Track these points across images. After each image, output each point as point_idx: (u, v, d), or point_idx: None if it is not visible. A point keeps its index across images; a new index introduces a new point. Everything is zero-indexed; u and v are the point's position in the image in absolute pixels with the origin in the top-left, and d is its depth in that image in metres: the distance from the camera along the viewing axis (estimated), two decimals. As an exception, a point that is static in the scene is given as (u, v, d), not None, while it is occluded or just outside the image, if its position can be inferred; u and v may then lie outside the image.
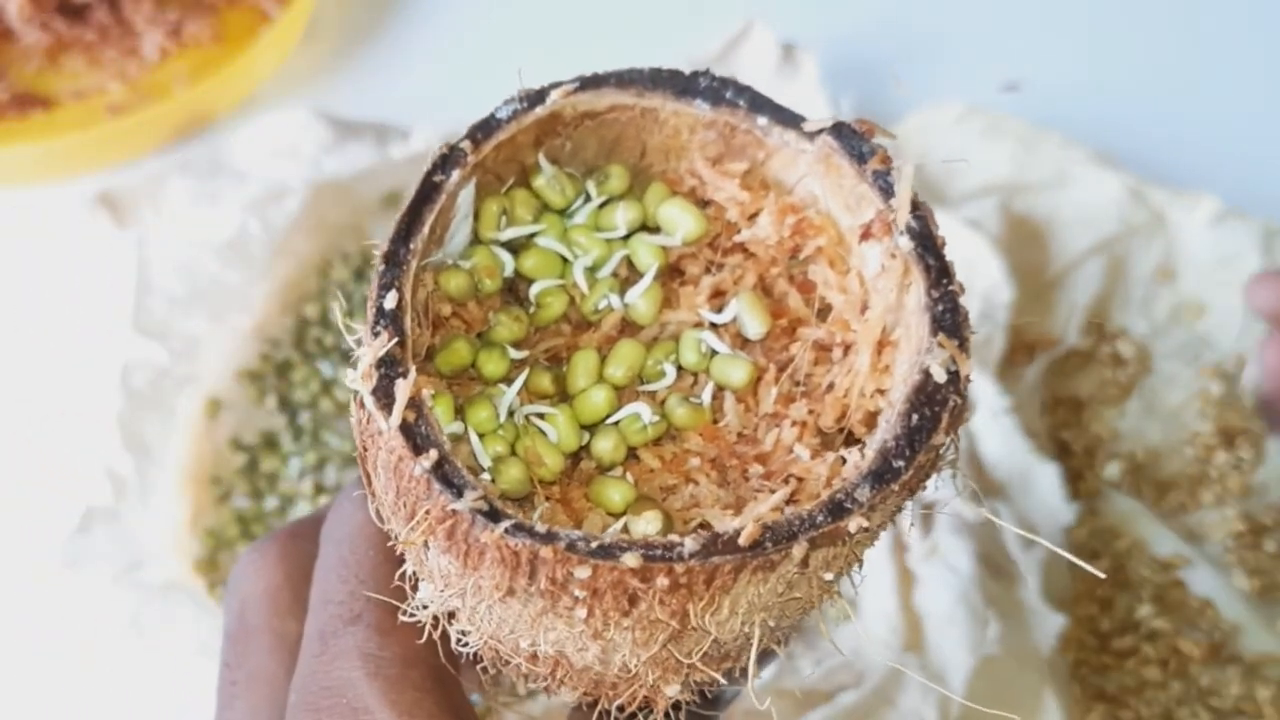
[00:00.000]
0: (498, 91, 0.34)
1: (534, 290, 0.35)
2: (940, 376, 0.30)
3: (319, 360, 0.74)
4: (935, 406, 0.30)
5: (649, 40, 0.88)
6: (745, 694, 0.59)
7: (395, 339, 0.31)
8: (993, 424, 0.68)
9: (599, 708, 0.34)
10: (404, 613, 0.34)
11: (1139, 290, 0.76)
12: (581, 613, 0.29)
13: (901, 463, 0.30)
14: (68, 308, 0.76)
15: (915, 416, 0.30)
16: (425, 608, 0.33)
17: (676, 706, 0.34)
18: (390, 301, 0.31)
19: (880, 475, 0.30)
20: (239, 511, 0.70)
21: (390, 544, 0.32)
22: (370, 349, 0.31)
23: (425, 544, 0.31)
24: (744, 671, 0.32)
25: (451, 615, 0.33)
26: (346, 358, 0.73)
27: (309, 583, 0.38)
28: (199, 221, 0.77)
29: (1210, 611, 0.66)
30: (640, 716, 0.34)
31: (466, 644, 0.33)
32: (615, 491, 0.32)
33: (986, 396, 0.68)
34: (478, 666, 0.35)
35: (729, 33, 0.83)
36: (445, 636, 0.34)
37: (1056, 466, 0.67)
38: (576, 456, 0.34)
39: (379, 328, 0.31)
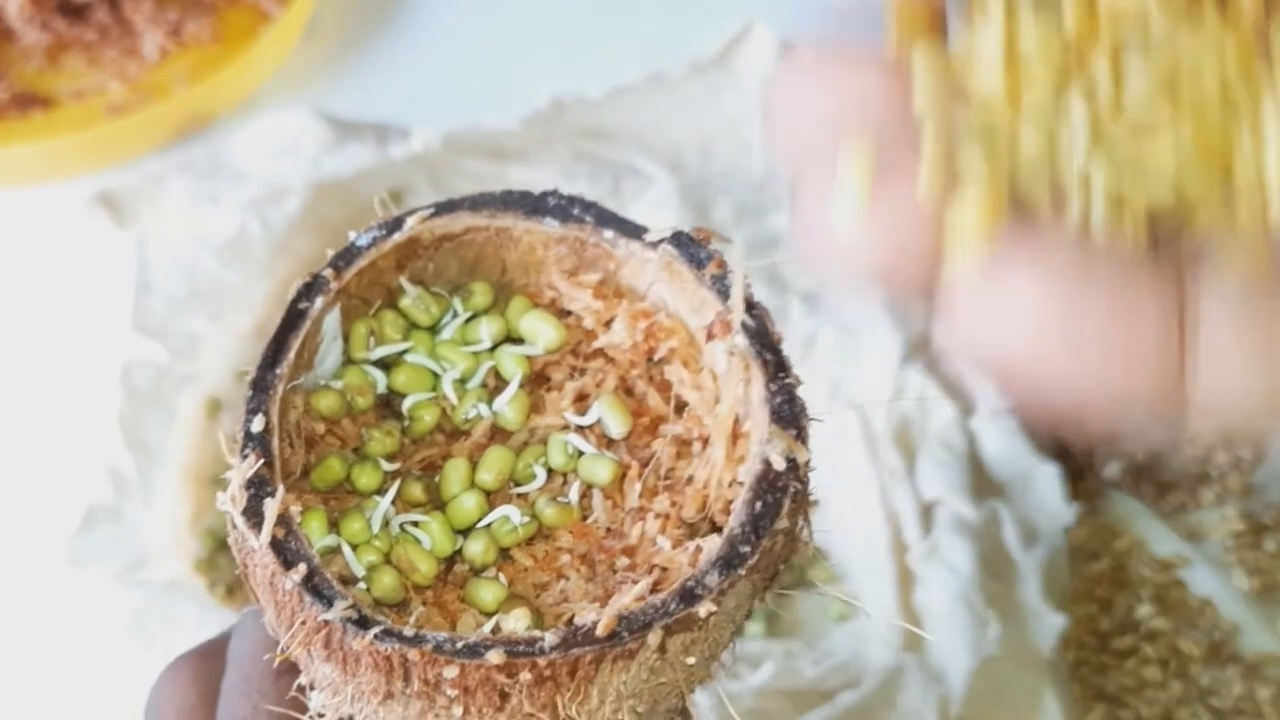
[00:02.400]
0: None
1: (406, 404, 0.37)
2: (780, 465, 0.32)
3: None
4: (777, 493, 0.32)
5: (649, 41, 0.88)
6: (743, 694, 0.59)
7: (262, 460, 0.33)
8: (993, 424, 0.68)
9: None
10: None
11: (1139, 290, 0.76)
12: (458, 710, 0.31)
13: (748, 548, 0.32)
14: (68, 308, 0.76)
15: (759, 504, 0.32)
16: (322, 715, 0.34)
17: None
18: (257, 425, 0.34)
19: (728, 561, 0.32)
20: (239, 511, 0.70)
21: (285, 656, 0.34)
22: (238, 471, 0.33)
23: (309, 653, 0.32)
24: None
25: None
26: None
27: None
28: (199, 221, 0.77)
29: (1210, 611, 0.66)
30: None
31: None
32: (487, 592, 0.34)
33: (987, 396, 0.68)
34: None
35: (729, 33, 0.83)
36: None
37: (1056, 466, 0.67)
38: (452, 560, 0.35)
39: (247, 450, 0.34)
